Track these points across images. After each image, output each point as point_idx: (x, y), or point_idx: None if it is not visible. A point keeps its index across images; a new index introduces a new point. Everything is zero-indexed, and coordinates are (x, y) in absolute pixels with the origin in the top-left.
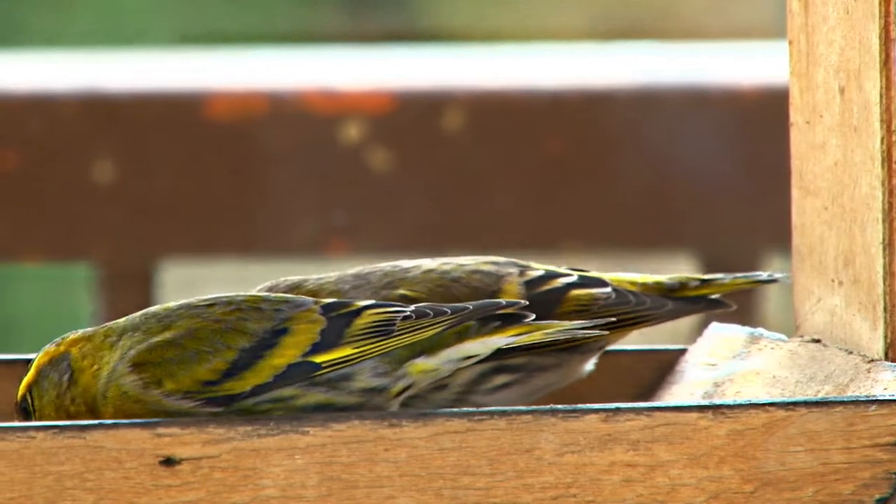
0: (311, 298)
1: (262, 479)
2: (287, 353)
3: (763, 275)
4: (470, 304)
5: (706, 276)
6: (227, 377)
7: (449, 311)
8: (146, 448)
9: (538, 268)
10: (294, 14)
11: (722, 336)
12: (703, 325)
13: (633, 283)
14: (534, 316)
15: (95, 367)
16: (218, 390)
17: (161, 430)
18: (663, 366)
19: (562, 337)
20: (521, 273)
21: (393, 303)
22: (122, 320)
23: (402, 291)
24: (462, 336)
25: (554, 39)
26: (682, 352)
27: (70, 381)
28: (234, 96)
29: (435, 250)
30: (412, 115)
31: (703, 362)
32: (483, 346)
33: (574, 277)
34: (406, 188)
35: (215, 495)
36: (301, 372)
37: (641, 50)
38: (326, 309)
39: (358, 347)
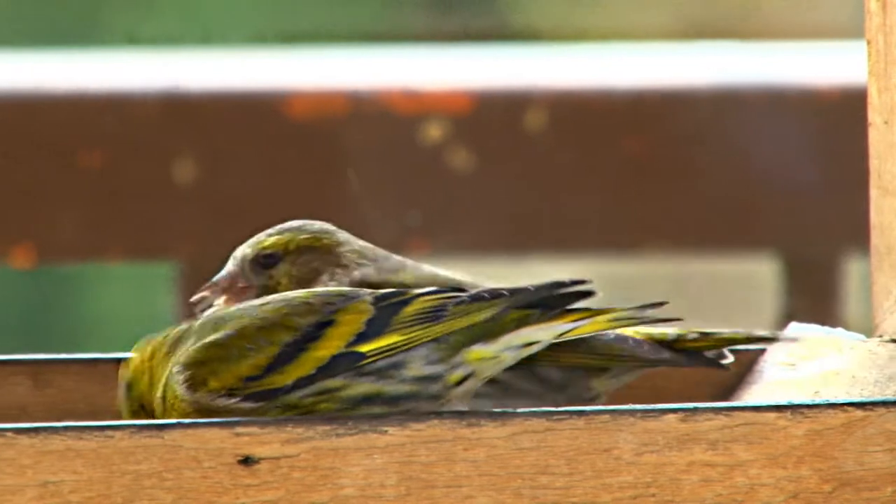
0: (367, 290)
1: (341, 478)
2: (331, 345)
3: (765, 333)
4: (531, 286)
5: (705, 330)
6: (269, 372)
7: (507, 293)
8: (225, 447)
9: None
10: (381, 13)
11: (801, 336)
12: (783, 325)
13: (636, 332)
14: (597, 297)
15: (149, 378)
16: (260, 385)
17: (240, 430)
18: (742, 366)
19: (626, 325)
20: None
21: (450, 288)
22: (183, 326)
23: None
24: (523, 322)
25: (641, 39)
26: (762, 352)
27: (126, 393)
28: (314, 96)
29: (515, 250)
30: (493, 115)
31: (782, 362)
32: (545, 331)
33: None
34: (487, 188)
35: (294, 495)
36: (345, 362)
37: (721, 50)
38: (378, 299)
39: (405, 334)
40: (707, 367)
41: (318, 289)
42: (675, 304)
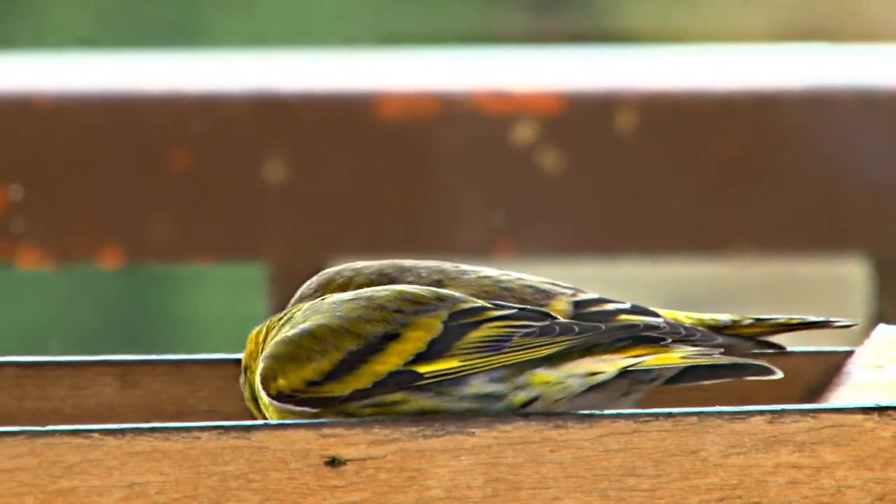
0: (452, 299)
1: (428, 479)
2: (390, 361)
3: (820, 318)
4: (603, 325)
5: (760, 316)
6: (329, 379)
7: (577, 330)
8: (311, 448)
9: (593, 294)
10: (478, 15)
11: (889, 338)
12: (872, 327)
13: (688, 318)
14: (670, 340)
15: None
16: (319, 391)
17: (326, 431)
18: (830, 367)
19: (694, 363)
20: (574, 294)
21: (530, 311)
22: (292, 313)
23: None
24: (587, 352)
25: (738, 41)
26: (849, 353)
27: (244, 377)
28: (405, 97)
29: (604, 251)
30: (583, 116)
31: (869, 364)
32: (608, 363)
33: (626, 305)
34: (577, 189)
35: (380, 496)
36: (401, 380)
37: (812, 51)
38: (453, 316)
39: (464, 360)
40: (761, 350)
41: (407, 289)
42: (766, 306)
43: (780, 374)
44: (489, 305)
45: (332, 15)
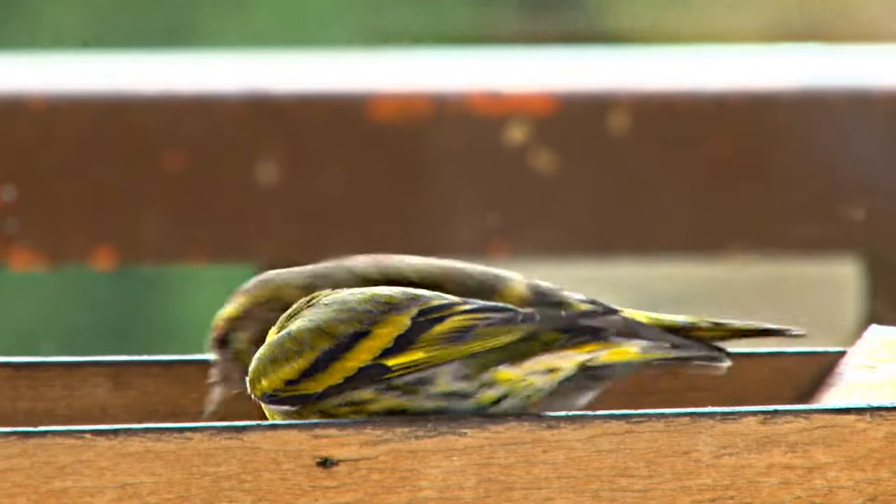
0: (423, 298)
1: (420, 480)
2: (360, 357)
3: (776, 326)
4: (563, 312)
5: (718, 320)
6: (305, 377)
7: (538, 318)
8: (303, 449)
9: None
10: (471, 15)
11: (881, 339)
12: (865, 328)
13: (647, 318)
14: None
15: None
16: (296, 389)
17: (318, 432)
18: (822, 368)
19: (654, 358)
20: (531, 281)
21: (492, 305)
22: (303, 306)
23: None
24: (547, 347)
25: (731, 41)
26: (842, 354)
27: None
28: (398, 98)
29: (598, 252)
30: (576, 116)
31: (862, 365)
32: (565, 360)
33: (584, 298)
34: (570, 190)
35: (372, 497)
36: (370, 375)
37: (806, 52)
38: (422, 313)
39: (429, 352)
40: (709, 353)
41: (379, 291)
42: (757, 306)
43: (726, 365)
44: (458, 301)
45: (325, 15)
